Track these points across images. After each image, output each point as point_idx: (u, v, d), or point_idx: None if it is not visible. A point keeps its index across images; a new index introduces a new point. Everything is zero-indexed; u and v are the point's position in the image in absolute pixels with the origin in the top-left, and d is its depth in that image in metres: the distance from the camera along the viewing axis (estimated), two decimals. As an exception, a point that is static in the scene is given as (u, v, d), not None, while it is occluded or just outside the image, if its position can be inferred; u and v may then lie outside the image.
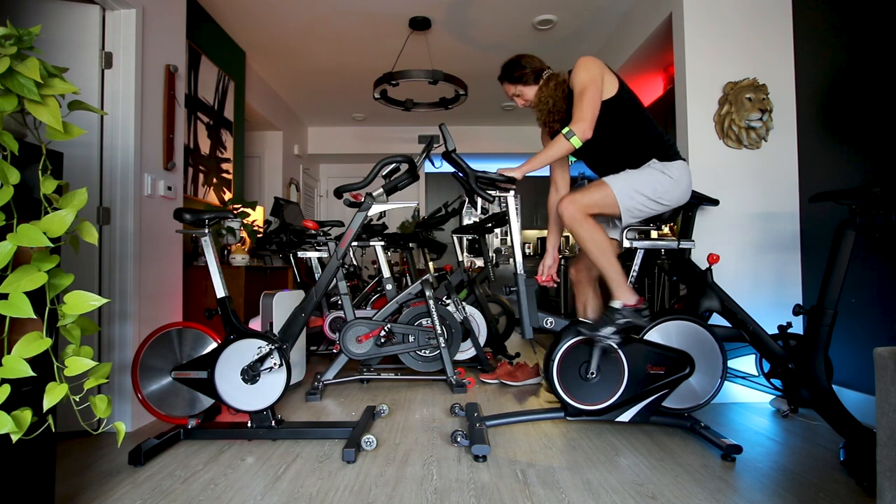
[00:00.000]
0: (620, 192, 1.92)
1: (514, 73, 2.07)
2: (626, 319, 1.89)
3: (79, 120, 1.99)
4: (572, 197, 1.92)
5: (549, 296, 6.91)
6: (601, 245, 1.90)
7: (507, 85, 2.12)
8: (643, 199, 1.93)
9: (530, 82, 2.07)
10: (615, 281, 1.91)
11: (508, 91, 2.13)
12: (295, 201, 5.38)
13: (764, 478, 1.64)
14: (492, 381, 3.03)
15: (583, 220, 1.89)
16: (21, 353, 1.02)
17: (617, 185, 1.93)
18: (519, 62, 2.08)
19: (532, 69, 2.06)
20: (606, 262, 1.90)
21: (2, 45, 1.03)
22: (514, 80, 2.09)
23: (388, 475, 1.66)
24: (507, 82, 2.11)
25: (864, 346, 2.24)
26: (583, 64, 1.93)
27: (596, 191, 1.94)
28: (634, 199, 1.93)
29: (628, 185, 1.93)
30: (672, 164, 1.95)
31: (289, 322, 2.04)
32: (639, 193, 1.93)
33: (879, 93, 2.18)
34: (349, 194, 2.20)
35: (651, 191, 1.92)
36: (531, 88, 2.08)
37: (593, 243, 1.90)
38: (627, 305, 1.90)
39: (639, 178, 1.94)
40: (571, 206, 1.90)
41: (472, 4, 3.65)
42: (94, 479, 1.66)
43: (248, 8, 3.67)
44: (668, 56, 3.45)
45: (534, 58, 2.09)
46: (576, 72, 1.93)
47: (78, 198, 1.12)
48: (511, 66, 2.09)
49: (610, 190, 1.93)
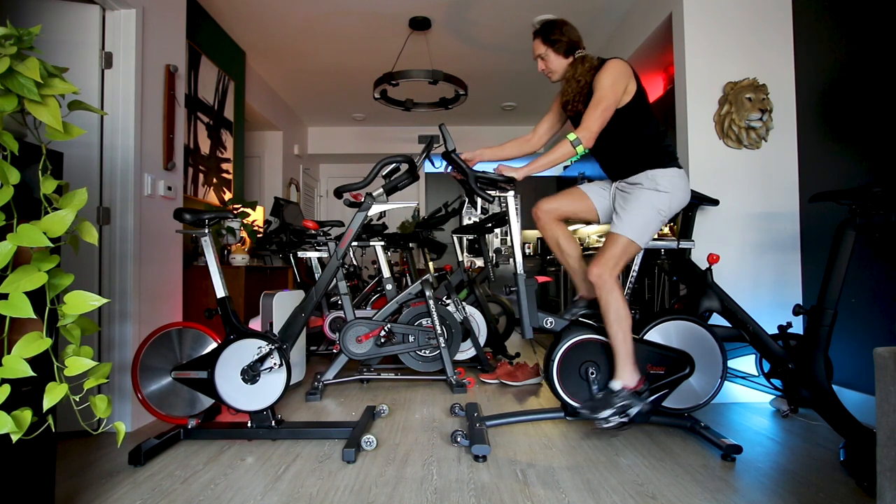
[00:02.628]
0: (635, 235, 1.91)
1: (552, 34, 2.04)
2: (625, 402, 1.84)
3: (79, 120, 1.99)
4: (600, 261, 1.90)
5: (549, 296, 6.91)
6: (624, 316, 1.87)
7: (538, 42, 2.08)
8: (653, 227, 1.94)
9: (560, 52, 2.05)
10: (622, 357, 1.87)
11: (537, 49, 2.09)
12: (295, 201, 5.39)
13: (764, 478, 1.64)
14: (492, 381, 3.03)
15: (613, 288, 1.88)
16: (21, 353, 1.02)
17: (628, 231, 1.91)
18: (561, 28, 2.05)
19: (569, 40, 2.04)
20: (623, 336, 1.86)
21: (2, 45, 1.03)
22: (547, 41, 2.05)
23: (388, 475, 1.66)
24: (541, 40, 2.07)
25: (864, 346, 2.23)
26: (611, 70, 1.92)
27: (615, 247, 1.92)
28: (647, 231, 1.93)
29: (637, 225, 1.92)
30: (664, 174, 1.92)
31: (289, 322, 2.04)
32: (649, 225, 1.92)
33: (879, 93, 2.18)
34: (349, 194, 2.19)
35: (655, 214, 1.92)
36: (558, 58, 2.06)
37: (617, 313, 1.87)
38: (627, 388, 1.85)
39: (642, 213, 1.92)
40: (605, 273, 1.88)
41: (472, 4, 3.65)
42: (94, 479, 1.66)
43: (248, 8, 3.67)
44: (668, 56, 3.44)
45: (575, 30, 2.07)
46: (603, 74, 1.92)
47: (78, 198, 1.12)
48: (551, 27, 2.06)
49: (626, 239, 1.91)
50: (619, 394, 1.85)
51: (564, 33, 2.05)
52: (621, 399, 1.84)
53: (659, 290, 3.43)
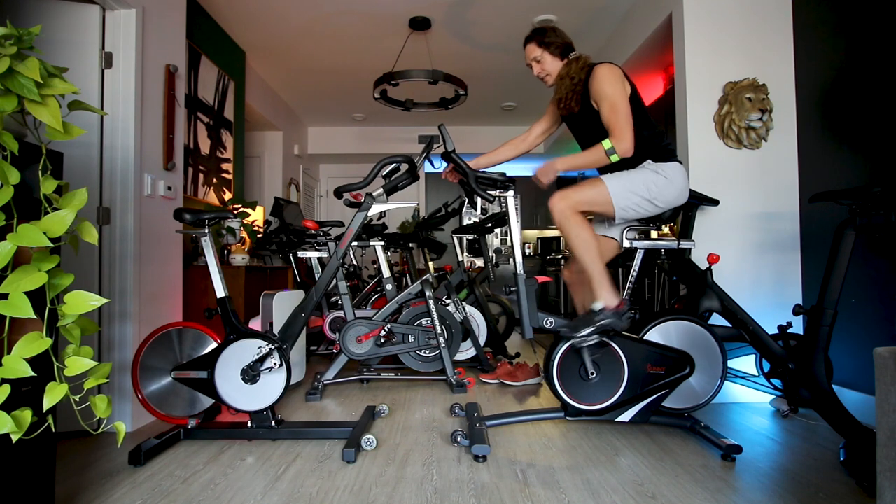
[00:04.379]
0: (615, 191, 1.92)
1: (546, 37, 2.07)
2: (605, 321, 1.87)
3: (79, 120, 1.99)
4: (564, 192, 1.91)
5: (549, 296, 6.91)
6: (588, 243, 1.89)
7: (532, 46, 2.10)
8: (638, 199, 1.93)
9: (556, 54, 2.07)
10: (598, 281, 1.90)
11: (531, 53, 2.11)
12: (295, 201, 5.38)
13: (764, 478, 1.64)
14: (492, 381, 3.03)
15: (571, 216, 1.89)
16: (21, 353, 1.02)
17: (612, 183, 1.93)
18: (554, 30, 2.08)
19: (563, 42, 2.07)
20: (590, 260, 1.89)
21: (2, 45, 1.03)
22: (542, 44, 2.07)
23: (388, 475, 1.66)
24: (535, 43, 2.09)
25: (864, 346, 2.24)
26: (607, 75, 1.92)
27: (590, 188, 1.94)
28: (629, 199, 1.93)
29: (623, 184, 1.93)
30: (667, 165, 1.95)
31: (289, 322, 2.04)
32: (633, 193, 1.92)
33: (879, 93, 2.18)
34: (349, 194, 2.20)
35: (645, 190, 1.92)
36: (554, 60, 2.08)
37: (580, 240, 1.89)
38: (608, 308, 1.89)
39: (634, 177, 1.94)
40: (562, 202, 1.89)
41: (472, 4, 3.65)
42: (94, 479, 1.66)
43: (248, 8, 3.67)
44: (668, 56, 3.44)
45: (565, 34, 2.10)
46: (600, 82, 1.92)
47: (78, 198, 1.12)
48: (543, 31, 2.09)
49: (605, 187, 1.92)
50: (600, 313, 1.88)
51: (558, 35, 2.08)
52: (602, 318, 1.87)
53: (659, 290, 3.43)
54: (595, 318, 1.88)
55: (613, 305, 1.89)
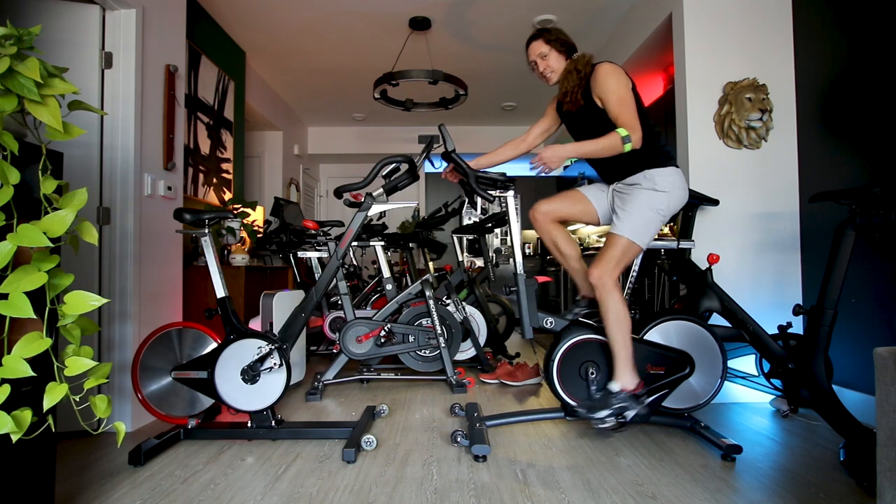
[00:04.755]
0: (635, 236, 1.91)
1: (552, 35, 2.08)
2: (622, 405, 1.84)
3: (79, 120, 1.99)
4: (600, 264, 1.89)
5: (549, 296, 6.91)
6: (624, 320, 1.87)
7: (538, 43, 2.10)
8: (653, 227, 1.94)
9: (562, 52, 2.08)
10: (621, 360, 1.87)
11: (536, 49, 2.10)
12: (295, 201, 5.39)
13: (764, 478, 1.64)
14: (492, 381, 3.03)
15: (613, 290, 1.88)
16: (21, 353, 1.02)
17: (627, 232, 1.91)
18: (560, 30, 2.11)
19: (568, 42, 2.10)
20: (622, 340, 1.87)
21: (2, 45, 1.03)
22: (549, 41, 2.08)
23: (388, 475, 1.66)
24: (542, 40, 2.09)
25: (864, 346, 2.23)
26: (611, 72, 1.93)
27: (615, 248, 1.91)
28: (648, 233, 1.93)
29: (637, 226, 1.92)
30: (661, 173, 1.93)
31: (289, 322, 2.04)
32: (647, 225, 1.92)
33: (879, 93, 2.18)
34: (349, 194, 2.20)
35: (654, 214, 1.92)
36: (559, 58, 2.08)
37: (617, 316, 1.87)
38: (626, 390, 1.86)
39: (641, 213, 1.92)
40: (606, 276, 1.88)
41: (472, 4, 3.65)
42: (94, 479, 1.66)
43: (248, 8, 3.67)
44: (668, 56, 3.44)
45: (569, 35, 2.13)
46: (606, 77, 1.93)
47: (78, 198, 1.12)
48: (549, 30, 2.11)
49: (626, 240, 1.91)
50: (616, 395, 1.85)
51: (564, 35, 2.10)
52: (619, 401, 1.84)
53: (659, 290, 3.43)
54: (612, 401, 1.85)
55: (631, 388, 1.87)
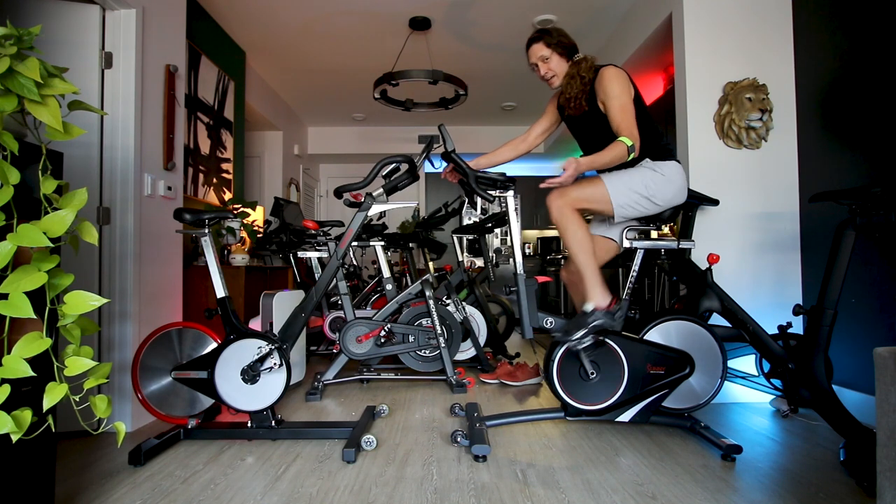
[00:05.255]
0: (614, 189, 1.93)
1: (553, 38, 2.07)
2: (597, 321, 1.87)
3: (79, 120, 1.99)
4: (562, 190, 1.92)
5: (549, 296, 6.91)
6: (582, 242, 1.90)
7: (539, 46, 2.09)
8: (636, 197, 1.94)
9: (563, 54, 2.08)
10: (590, 280, 1.91)
11: (537, 53, 2.09)
12: (295, 201, 5.39)
13: (764, 478, 1.64)
14: (492, 381, 3.03)
15: (570, 214, 1.90)
16: (21, 353, 1.02)
17: (610, 181, 1.94)
18: (560, 32, 2.09)
19: (569, 43, 2.09)
20: (585, 260, 1.91)
21: (2, 45, 1.03)
22: (550, 44, 2.07)
23: (388, 475, 1.66)
24: (543, 43, 2.08)
25: (864, 346, 2.23)
26: (615, 77, 1.94)
27: (589, 185, 1.94)
28: (627, 197, 1.93)
29: (621, 182, 1.94)
30: (665, 163, 1.97)
31: (289, 322, 2.04)
32: (632, 191, 1.93)
33: (879, 93, 2.18)
34: (349, 194, 2.20)
35: (643, 188, 1.93)
36: (560, 61, 2.08)
37: (575, 239, 1.90)
38: (599, 308, 1.89)
39: (632, 175, 1.95)
40: (560, 199, 1.90)
41: (472, 4, 3.65)
42: (94, 479, 1.66)
43: (248, 8, 3.67)
44: (668, 56, 3.44)
45: (570, 35, 2.12)
46: (609, 82, 1.93)
47: (78, 198, 1.12)
48: (549, 31, 2.09)
49: (603, 186, 1.93)
50: (592, 314, 1.89)
51: (564, 36, 2.10)
52: (594, 318, 1.88)
53: (659, 290, 3.43)
54: (587, 320, 1.88)
55: (604, 305, 1.90)
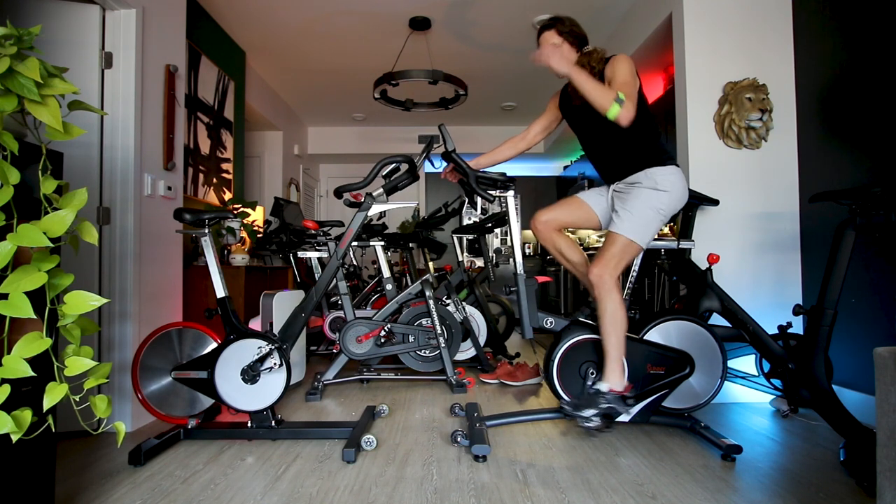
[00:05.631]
0: (635, 235, 1.90)
1: (566, 26, 2.05)
2: (609, 405, 1.84)
3: (79, 120, 1.99)
4: (601, 263, 1.89)
5: (549, 296, 6.91)
6: (620, 321, 1.87)
7: (551, 33, 2.06)
8: (654, 227, 1.93)
9: (574, 44, 2.06)
10: (612, 360, 1.87)
11: (549, 40, 2.06)
12: (295, 201, 5.39)
13: (764, 478, 1.64)
14: (492, 381, 3.03)
15: (612, 289, 1.87)
16: (21, 353, 1.02)
17: (628, 231, 1.91)
18: (573, 21, 2.07)
19: (581, 33, 2.07)
20: (617, 339, 1.86)
21: (2, 45, 1.03)
22: (562, 33, 2.05)
23: (388, 475, 1.66)
24: (554, 31, 2.06)
25: (864, 346, 2.23)
26: (627, 62, 1.93)
27: (615, 247, 1.91)
28: (648, 233, 1.92)
29: (637, 225, 1.91)
30: (662, 172, 1.92)
31: (289, 322, 2.04)
32: (648, 225, 1.91)
33: (879, 93, 2.18)
34: (349, 194, 2.20)
35: (655, 214, 1.91)
36: (571, 50, 2.06)
37: (613, 317, 1.86)
38: (613, 391, 1.85)
39: (642, 213, 1.91)
40: (607, 274, 1.87)
41: (472, 4, 3.65)
42: (94, 479, 1.66)
43: (248, 8, 3.67)
44: (668, 56, 3.44)
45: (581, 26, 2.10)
46: (620, 64, 1.93)
47: (78, 198, 1.12)
48: (563, 20, 2.08)
49: (626, 239, 1.90)
50: (605, 396, 1.85)
51: (577, 27, 2.08)
52: (606, 401, 1.84)
53: (659, 290, 3.43)
54: (599, 401, 1.84)
55: (620, 390, 1.86)
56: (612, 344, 1.86)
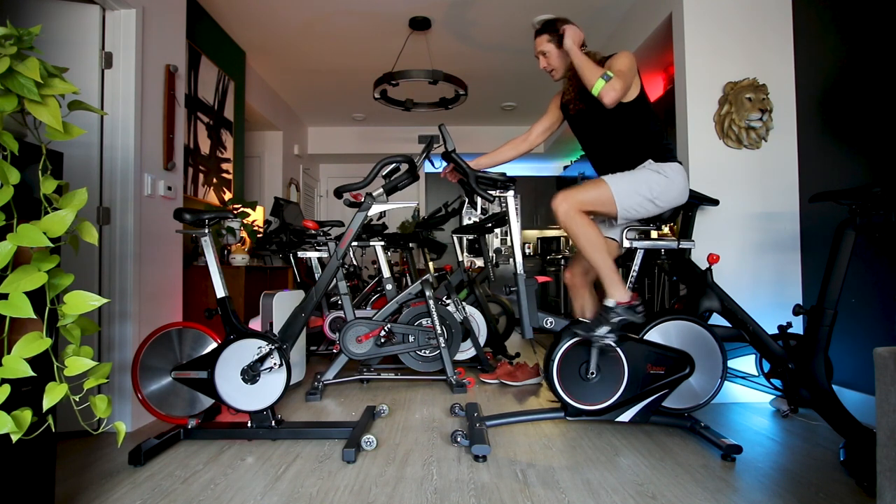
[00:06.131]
0: (618, 191, 1.92)
1: (558, 31, 2.04)
2: (620, 317, 1.88)
3: (79, 120, 1.99)
4: (567, 193, 1.92)
5: (549, 296, 6.91)
6: (595, 242, 1.89)
7: (542, 38, 2.08)
8: (640, 199, 1.93)
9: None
10: (609, 278, 1.91)
11: (540, 45, 2.10)
12: (295, 201, 5.38)
13: (764, 478, 1.64)
14: (492, 381, 3.03)
15: (576, 216, 1.89)
16: (21, 353, 1.02)
17: (614, 183, 1.93)
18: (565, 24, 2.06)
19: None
20: (601, 259, 1.90)
21: (2, 45, 1.03)
22: (553, 38, 2.06)
23: (388, 475, 1.66)
24: (547, 35, 2.07)
25: (864, 346, 2.23)
26: (627, 55, 1.95)
27: (593, 188, 1.94)
28: (631, 199, 1.93)
29: (626, 184, 1.93)
30: (667, 165, 1.96)
31: (289, 322, 2.04)
32: (636, 193, 1.92)
33: (879, 93, 2.18)
34: (349, 194, 2.20)
35: (647, 190, 1.92)
36: (563, 55, 2.06)
37: (587, 239, 1.89)
38: (621, 303, 1.89)
39: (637, 177, 1.94)
40: (565, 203, 1.89)
41: (472, 4, 3.65)
42: (94, 479, 1.66)
43: (248, 8, 3.67)
44: (668, 56, 3.44)
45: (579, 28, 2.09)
46: (619, 56, 1.95)
47: (78, 198, 1.12)
48: (555, 24, 2.07)
49: (607, 188, 1.92)
50: (614, 310, 1.89)
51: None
52: (617, 314, 1.88)
53: (659, 290, 3.43)
54: (610, 316, 1.89)
55: (626, 300, 1.90)
56: (600, 262, 1.90)
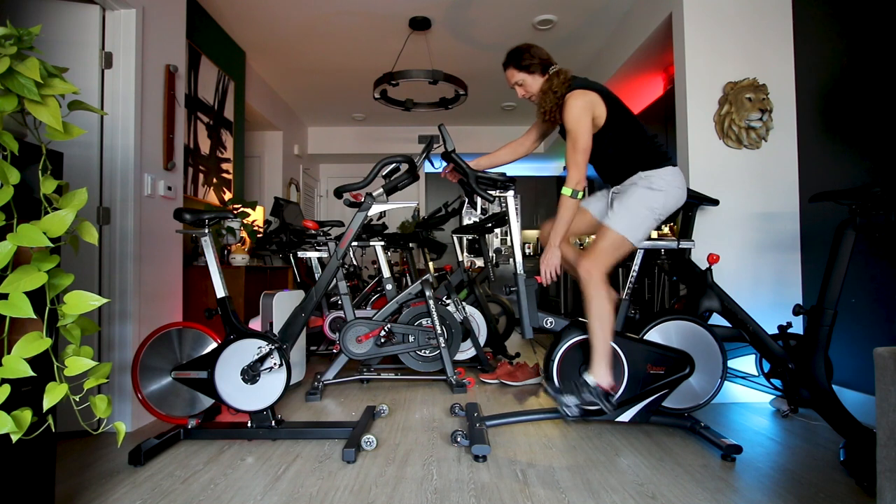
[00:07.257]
0: (625, 229, 1.91)
1: (523, 60, 2.03)
2: (592, 400, 1.84)
3: (79, 120, 1.99)
4: (594, 260, 1.89)
5: (549, 296, 6.91)
6: (604, 316, 1.86)
7: (512, 71, 2.07)
8: (646, 223, 1.93)
9: (537, 73, 2.04)
10: (598, 355, 1.86)
11: (512, 78, 2.08)
12: (295, 201, 5.38)
13: (764, 478, 1.64)
14: (492, 381, 3.03)
15: (600, 284, 1.87)
16: (21, 353, 1.02)
17: (618, 226, 1.91)
18: (528, 50, 2.04)
19: (540, 60, 2.03)
20: (602, 334, 1.86)
21: (2, 45, 1.03)
22: (521, 68, 2.04)
23: (388, 475, 1.66)
24: (514, 68, 2.06)
25: (864, 346, 2.24)
26: (571, 108, 1.90)
27: (605, 241, 1.92)
28: (640, 229, 1.93)
29: (628, 220, 1.92)
30: (657, 173, 1.93)
31: (289, 322, 2.04)
32: (640, 222, 1.92)
33: (879, 93, 2.18)
34: (349, 194, 2.20)
35: (649, 212, 1.92)
36: (536, 79, 2.04)
37: (598, 312, 1.87)
38: (600, 387, 1.85)
39: (633, 208, 1.92)
40: (596, 271, 1.88)
41: (472, 4, 3.65)
42: (94, 479, 1.66)
43: (248, 8, 3.67)
44: (668, 56, 3.44)
45: (542, 49, 2.06)
46: (568, 113, 1.91)
47: (78, 198, 1.12)
48: (519, 53, 2.05)
49: (618, 235, 1.91)
50: (591, 389, 1.85)
51: (534, 55, 2.04)
52: (591, 395, 1.84)
53: (659, 290, 3.43)
54: (583, 392, 1.85)
55: (605, 386, 1.85)
56: (598, 338, 1.87)
